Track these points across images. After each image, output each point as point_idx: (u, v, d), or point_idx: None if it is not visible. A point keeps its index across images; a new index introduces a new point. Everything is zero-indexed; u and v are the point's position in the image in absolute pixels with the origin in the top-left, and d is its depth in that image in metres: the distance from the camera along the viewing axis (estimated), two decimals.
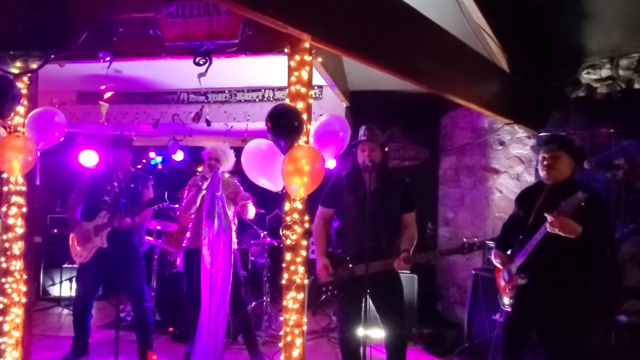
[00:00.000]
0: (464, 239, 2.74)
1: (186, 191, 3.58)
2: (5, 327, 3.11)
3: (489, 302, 3.62)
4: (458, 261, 4.65)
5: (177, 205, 4.85)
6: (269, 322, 4.41)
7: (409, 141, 4.90)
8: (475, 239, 2.72)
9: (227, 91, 4.51)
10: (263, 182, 2.77)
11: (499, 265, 2.88)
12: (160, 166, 5.84)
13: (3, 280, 3.12)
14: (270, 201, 5.14)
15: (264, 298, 4.45)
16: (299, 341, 2.71)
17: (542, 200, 2.70)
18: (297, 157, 2.54)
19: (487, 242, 2.80)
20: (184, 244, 3.59)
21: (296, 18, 1.98)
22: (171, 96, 4.64)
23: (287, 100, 2.74)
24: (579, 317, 2.64)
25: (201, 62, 2.88)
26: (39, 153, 3.11)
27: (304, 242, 2.72)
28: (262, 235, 4.63)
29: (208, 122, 4.37)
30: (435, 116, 4.93)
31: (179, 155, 5.42)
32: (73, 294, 5.19)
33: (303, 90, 2.70)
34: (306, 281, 2.74)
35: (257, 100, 4.49)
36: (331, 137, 2.74)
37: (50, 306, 5.21)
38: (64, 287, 5.33)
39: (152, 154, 5.87)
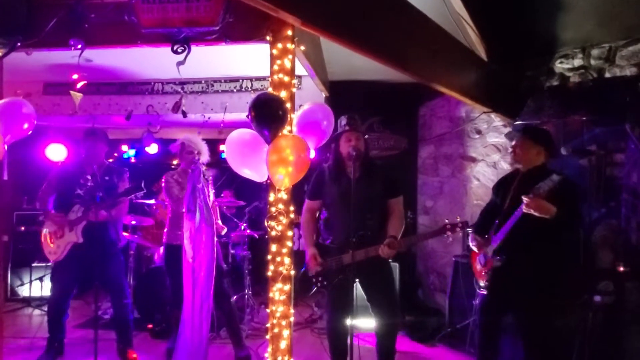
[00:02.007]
0: (446, 220, 2.78)
1: (164, 187, 3.47)
2: None
3: (469, 288, 3.70)
4: (438, 248, 4.73)
5: (153, 201, 4.73)
6: (251, 315, 4.37)
7: (387, 131, 4.92)
8: (458, 218, 2.76)
9: (204, 81, 4.40)
10: (247, 173, 2.71)
11: (475, 249, 2.95)
12: (133, 159, 5.65)
13: None
14: (249, 193, 5.08)
15: (246, 291, 4.40)
16: (286, 333, 2.69)
17: (517, 185, 2.81)
18: (282, 146, 2.50)
19: (468, 223, 2.89)
20: (163, 240, 3.50)
21: (286, 2, 1.93)
22: (145, 86, 4.49)
23: (269, 89, 2.69)
24: (553, 298, 2.74)
25: (179, 50, 2.79)
26: (6, 147, 2.96)
27: (290, 233, 2.69)
28: (242, 227, 4.57)
29: (184, 114, 4.26)
30: (414, 106, 4.97)
31: (152, 148, 5.27)
32: (44, 293, 5.01)
33: (286, 79, 2.66)
34: (292, 272, 2.72)
35: (235, 90, 4.40)
36: (315, 126, 2.72)
37: (19, 307, 5.00)
38: (34, 287, 5.11)
39: (124, 147, 5.68)
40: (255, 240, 4.79)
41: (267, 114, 2.49)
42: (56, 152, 5.06)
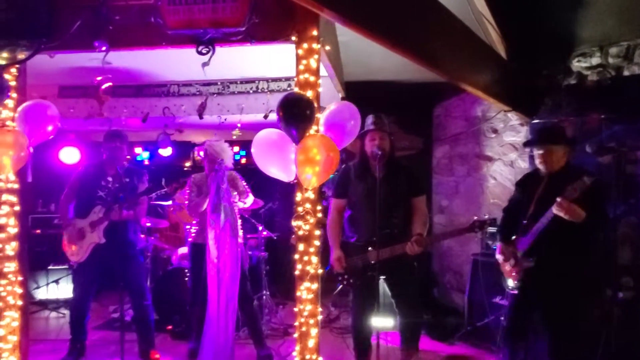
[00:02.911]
0: (475, 217, 2.78)
1: (188, 190, 3.49)
2: (1, 332, 2.97)
3: (489, 287, 3.70)
4: (454, 247, 4.74)
5: (170, 202, 4.74)
6: (269, 316, 4.37)
7: (402, 131, 4.93)
8: (486, 216, 2.76)
9: (219, 83, 4.39)
10: (274, 172, 2.72)
11: (501, 260, 2.88)
12: (147, 162, 5.66)
13: None
14: (262, 195, 5.07)
15: (263, 292, 4.41)
16: (314, 331, 2.70)
17: (544, 186, 2.78)
18: (309, 146, 2.51)
19: (496, 220, 2.83)
20: (189, 239, 3.51)
21: (331, 1, 1.94)
22: (161, 89, 4.48)
23: (295, 89, 2.70)
24: (581, 296, 2.75)
25: (204, 52, 2.80)
26: (31, 149, 2.97)
27: (317, 232, 2.70)
28: (260, 228, 4.57)
29: (201, 115, 4.28)
30: (429, 106, 4.98)
31: (167, 151, 5.29)
32: (60, 296, 5.01)
33: (312, 78, 2.67)
34: (320, 271, 2.73)
35: (251, 91, 4.38)
36: (341, 125, 2.72)
37: (35, 310, 5.00)
38: (51, 290, 5.11)
39: (138, 150, 5.68)
40: (272, 242, 4.78)
41: (296, 113, 2.50)
42: (70, 156, 5.08)
